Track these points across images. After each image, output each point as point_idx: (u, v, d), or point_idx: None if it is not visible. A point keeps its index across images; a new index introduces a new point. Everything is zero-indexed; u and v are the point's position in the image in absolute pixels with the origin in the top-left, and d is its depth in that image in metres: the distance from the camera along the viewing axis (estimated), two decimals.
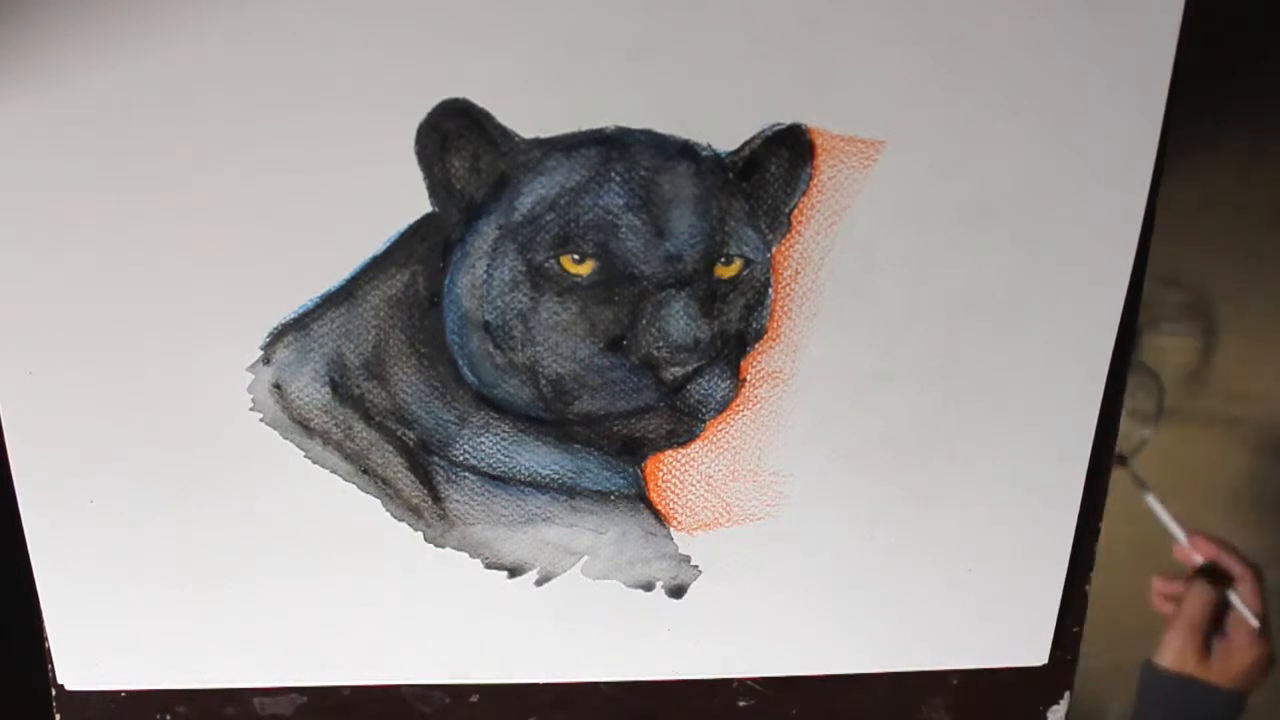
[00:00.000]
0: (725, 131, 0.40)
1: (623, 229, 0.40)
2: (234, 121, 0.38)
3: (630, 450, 0.44)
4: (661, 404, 0.43)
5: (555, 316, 0.41)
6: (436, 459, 0.44)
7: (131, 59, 0.37)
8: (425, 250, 0.41)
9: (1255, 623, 0.58)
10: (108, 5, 0.37)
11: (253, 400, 0.42)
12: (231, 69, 0.38)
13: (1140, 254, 0.43)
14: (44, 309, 0.41)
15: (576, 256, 0.41)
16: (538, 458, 0.44)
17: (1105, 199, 0.42)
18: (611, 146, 0.39)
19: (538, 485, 0.45)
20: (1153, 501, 0.68)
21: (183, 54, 0.37)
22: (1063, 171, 0.41)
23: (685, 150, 0.40)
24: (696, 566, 0.46)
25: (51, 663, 0.47)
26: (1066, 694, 0.52)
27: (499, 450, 0.44)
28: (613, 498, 0.45)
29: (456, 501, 0.44)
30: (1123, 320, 0.44)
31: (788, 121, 0.40)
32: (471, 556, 0.45)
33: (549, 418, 0.43)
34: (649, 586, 0.47)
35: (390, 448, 0.43)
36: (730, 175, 0.40)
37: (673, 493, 0.45)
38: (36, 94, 0.38)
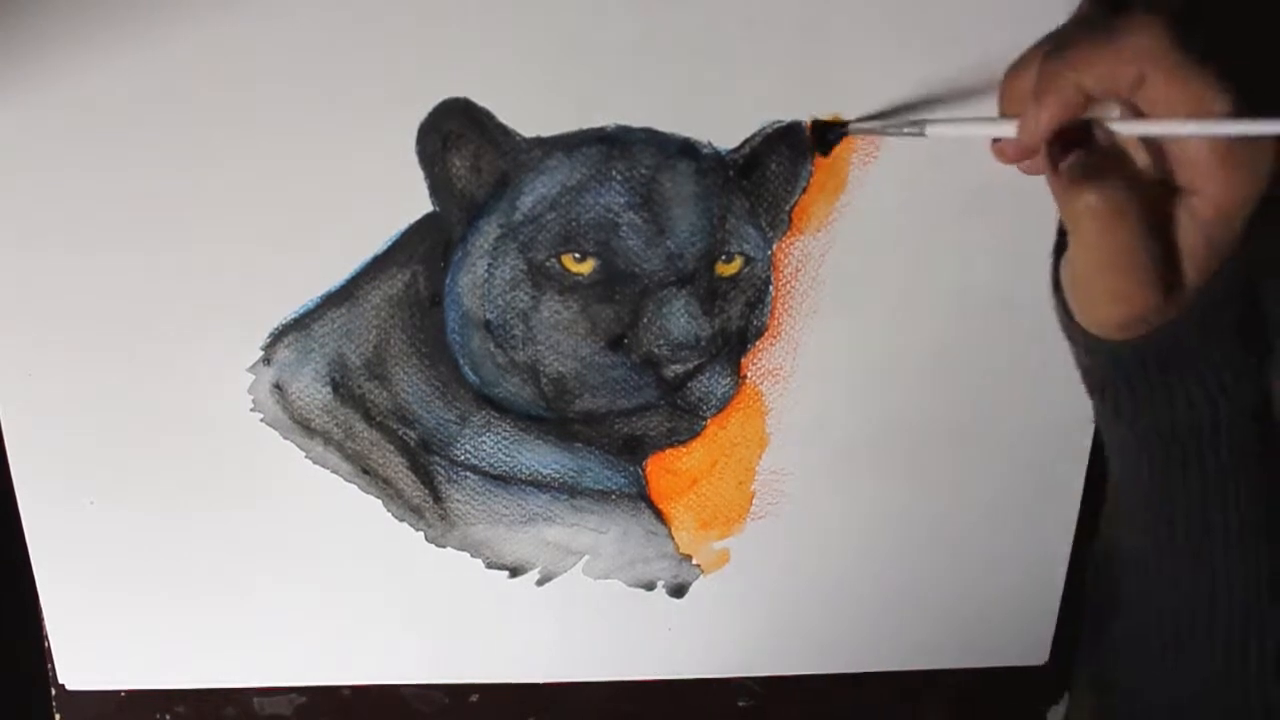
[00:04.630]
0: (726, 129, 0.40)
1: (624, 227, 0.40)
2: (234, 122, 0.38)
3: (631, 449, 0.44)
4: (662, 402, 0.43)
5: (556, 315, 0.41)
6: (437, 459, 0.44)
7: (131, 60, 0.37)
8: (426, 250, 0.41)
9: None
10: (107, 6, 0.37)
11: (253, 401, 0.42)
12: (232, 70, 0.38)
13: None
14: (43, 310, 0.41)
15: (577, 255, 0.41)
16: (539, 457, 0.44)
17: None
18: (612, 145, 0.39)
19: (539, 485, 0.44)
20: None
21: (182, 55, 0.38)
22: None
23: (686, 148, 0.40)
24: (697, 566, 0.46)
25: (51, 663, 0.46)
26: (1066, 694, 0.52)
27: (500, 450, 0.44)
28: (614, 497, 0.45)
29: (457, 501, 0.44)
30: None
31: (788, 119, 0.40)
32: (472, 556, 0.45)
33: (550, 416, 0.43)
34: (650, 586, 0.47)
35: (391, 448, 0.43)
36: (731, 173, 0.40)
37: (673, 491, 0.45)
38: (37, 97, 0.38)
